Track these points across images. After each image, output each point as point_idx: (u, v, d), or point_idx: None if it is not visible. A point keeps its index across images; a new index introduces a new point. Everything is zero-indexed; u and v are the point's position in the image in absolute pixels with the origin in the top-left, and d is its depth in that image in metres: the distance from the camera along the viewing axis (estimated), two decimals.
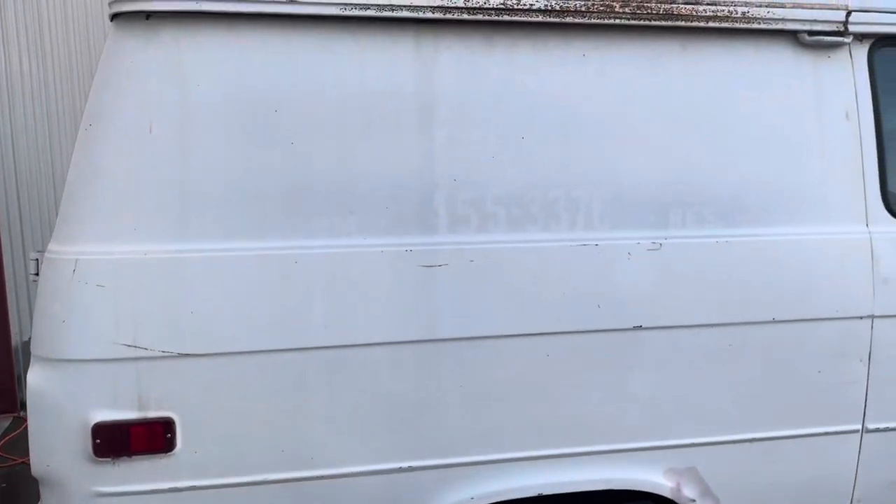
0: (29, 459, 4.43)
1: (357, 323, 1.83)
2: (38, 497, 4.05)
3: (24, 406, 5.22)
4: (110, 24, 1.80)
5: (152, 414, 1.74)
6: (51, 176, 6.22)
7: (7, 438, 4.69)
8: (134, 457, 1.75)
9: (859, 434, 2.11)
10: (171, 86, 1.74)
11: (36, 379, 1.73)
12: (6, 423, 4.94)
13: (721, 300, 1.98)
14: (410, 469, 1.89)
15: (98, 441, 1.72)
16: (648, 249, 1.94)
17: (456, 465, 1.92)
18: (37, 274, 1.89)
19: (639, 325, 1.95)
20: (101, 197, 1.73)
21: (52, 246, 1.76)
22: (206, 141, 1.76)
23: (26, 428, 4.89)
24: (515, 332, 1.90)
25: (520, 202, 1.91)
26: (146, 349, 1.72)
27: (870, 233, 2.05)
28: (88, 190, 1.73)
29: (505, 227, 1.90)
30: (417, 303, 1.85)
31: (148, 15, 1.74)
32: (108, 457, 1.73)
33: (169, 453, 1.76)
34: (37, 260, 1.89)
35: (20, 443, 4.64)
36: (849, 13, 2.02)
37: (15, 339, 5.20)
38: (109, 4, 1.78)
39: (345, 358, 1.83)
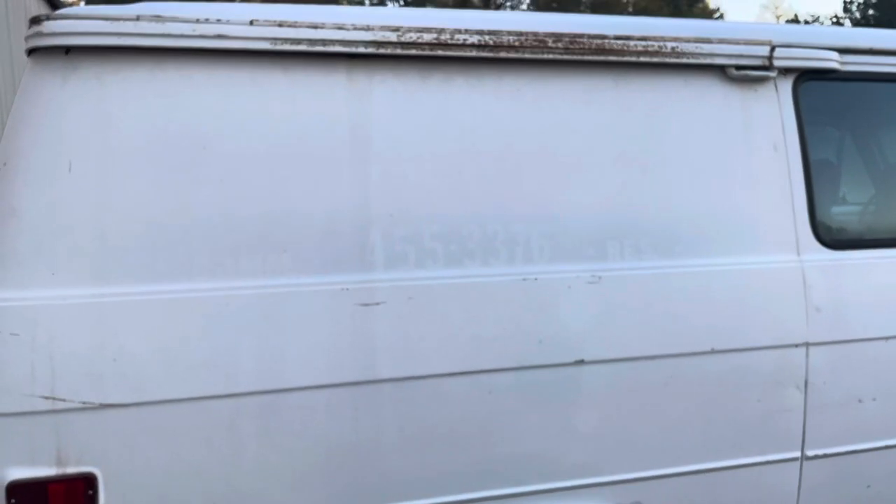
0: None
1: (291, 366, 1.76)
2: None
3: None
4: (27, 58, 1.72)
5: (72, 469, 1.63)
6: None
7: None
8: None
9: (799, 461, 2.12)
10: (91, 123, 1.67)
11: None
12: None
13: (661, 332, 1.98)
14: None
15: (13, 501, 1.60)
16: (588, 282, 1.94)
17: None
18: None
19: (581, 359, 1.93)
20: (16, 240, 1.64)
21: None
22: (129, 180, 1.69)
23: None
24: (457, 370, 1.86)
25: (458, 237, 1.88)
26: (65, 400, 1.62)
27: (801, 261, 2.09)
28: (2, 232, 1.64)
29: (443, 263, 1.87)
30: (354, 343, 1.80)
31: (67, 50, 1.67)
32: None
33: None
34: None
35: None
36: (773, 48, 2.08)
37: None
38: (26, 39, 1.70)
39: (279, 403, 1.76)
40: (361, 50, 1.80)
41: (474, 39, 1.86)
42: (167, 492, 1.70)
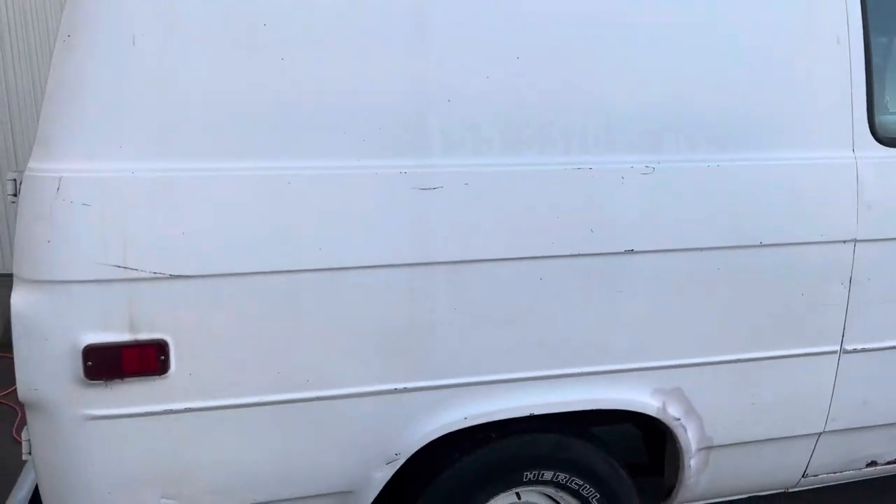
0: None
1: (351, 245, 1.80)
2: (13, 426, 3.97)
3: None
4: None
5: (145, 336, 1.71)
6: (5, 102, 5.95)
7: None
8: (126, 379, 1.72)
9: (837, 355, 2.17)
10: None
11: (20, 301, 1.68)
12: None
13: (710, 224, 2.00)
14: (405, 390, 1.90)
15: (89, 363, 1.68)
16: (642, 173, 1.94)
17: (449, 387, 1.93)
18: (15, 195, 1.82)
19: (630, 248, 1.96)
20: (84, 112, 1.65)
21: (32, 164, 1.68)
22: (192, 54, 1.69)
23: None
24: (509, 256, 1.90)
25: (515, 125, 1.88)
26: (136, 270, 1.68)
27: (855, 158, 2.08)
28: (70, 105, 1.65)
29: (500, 150, 1.88)
30: (411, 226, 1.83)
31: None
32: (99, 379, 1.70)
33: (162, 375, 1.73)
34: (14, 180, 1.82)
35: None
36: None
37: None
38: None
39: (338, 280, 1.81)
40: None
41: None
42: (233, 360, 1.78)
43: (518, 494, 2.16)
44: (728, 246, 2.02)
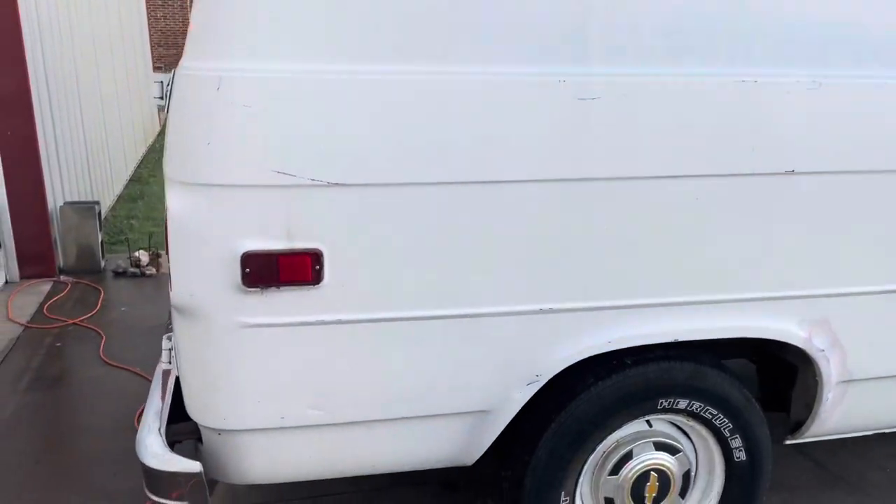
0: (77, 320, 4.38)
1: (507, 158, 1.72)
2: (94, 354, 4.02)
3: (62, 271, 5.17)
4: None
5: (301, 244, 1.66)
6: (70, 34, 5.91)
7: (52, 301, 4.66)
8: (282, 287, 1.68)
9: None
10: None
11: (177, 205, 1.64)
12: (47, 287, 4.90)
13: (876, 145, 1.89)
14: (551, 311, 1.84)
15: (248, 270, 1.64)
16: (808, 88, 1.83)
17: (595, 309, 1.87)
18: (161, 97, 1.77)
19: (791, 169, 1.86)
20: (243, 9, 1.58)
21: (188, 62, 1.62)
22: None
23: (69, 292, 4.85)
24: (664, 174, 1.81)
25: (678, 32, 1.77)
26: (295, 176, 1.62)
27: None
28: (229, 4, 1.58)
29: (661, 59, 1.77)
30: (568, 138, 1.75)
31: None
32: (256, 287, 1.66)
33: (316, 285, 1.69)
34: (161, 83, 1.78)
35: (65, 305, 4.61)
36: None
37: (51, 204, 5.08)
38: None
39: (492, 194, 1.74)
40: None
41: None
42: (384, 273, 1.73)
43: (649, 422, 2.12)
44: (892, 169, 1.91)
